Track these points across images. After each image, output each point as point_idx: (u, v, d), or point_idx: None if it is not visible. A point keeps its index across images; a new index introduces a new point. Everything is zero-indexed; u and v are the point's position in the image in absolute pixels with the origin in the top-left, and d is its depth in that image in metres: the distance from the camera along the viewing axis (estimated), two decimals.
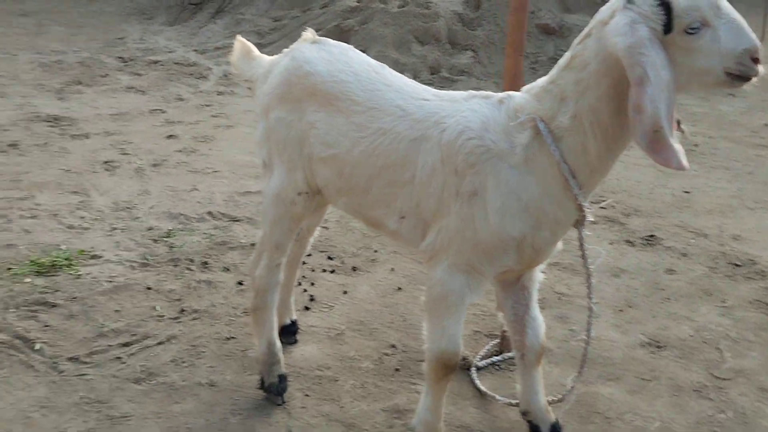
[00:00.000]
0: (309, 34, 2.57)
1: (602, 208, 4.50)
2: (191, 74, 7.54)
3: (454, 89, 3.71)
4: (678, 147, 1.81)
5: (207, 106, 6.49)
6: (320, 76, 2.39)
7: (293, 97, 2.46)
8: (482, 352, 3.01)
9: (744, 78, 1.81)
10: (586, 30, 1.94)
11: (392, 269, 3.75)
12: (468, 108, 2.14)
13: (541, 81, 2.07)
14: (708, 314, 3.38)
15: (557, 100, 1.98)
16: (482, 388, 2.78)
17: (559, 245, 2.24)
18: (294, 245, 2.83)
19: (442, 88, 4.35)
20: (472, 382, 2.83)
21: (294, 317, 3.10)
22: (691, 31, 1.77)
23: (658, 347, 3.12)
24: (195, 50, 8.54)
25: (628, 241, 4.12)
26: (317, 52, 2.47)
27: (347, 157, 2.32)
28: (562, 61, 2.00)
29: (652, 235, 4.18)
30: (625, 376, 2.91)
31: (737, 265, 3.85)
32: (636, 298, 3.52)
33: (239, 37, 2.89)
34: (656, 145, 1.78)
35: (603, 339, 3.14)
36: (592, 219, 2.13)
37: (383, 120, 2.25)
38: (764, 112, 6.82)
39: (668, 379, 2.90)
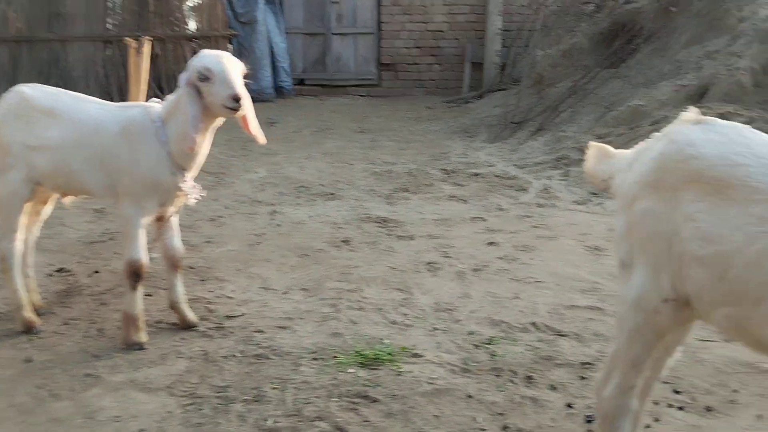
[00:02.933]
0: (691, 114, 2.19)
1: None
2: (511, 186, 7.48)
3: None
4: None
5: (527, 216, 6.31)
6: (707, 160, 1.99)
7: (667, 186, 2.08)
8: None
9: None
10: None
11: (759, 416, 3.03)
12: None
13: None
14: None
15: None
16: None
17: None
18: (649, 367, 2.37)
19: None
20: None
21: None
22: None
23: None
24: (515, 165, 8.54)
25: None
26: (704, 133, 2.07)
27: (736, 255, 1.85)
28: None
29: None
30: None
31: None
32: None
33: (592, 143, 2.67)
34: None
35: None
36: None
37: None
38: None
39: None
